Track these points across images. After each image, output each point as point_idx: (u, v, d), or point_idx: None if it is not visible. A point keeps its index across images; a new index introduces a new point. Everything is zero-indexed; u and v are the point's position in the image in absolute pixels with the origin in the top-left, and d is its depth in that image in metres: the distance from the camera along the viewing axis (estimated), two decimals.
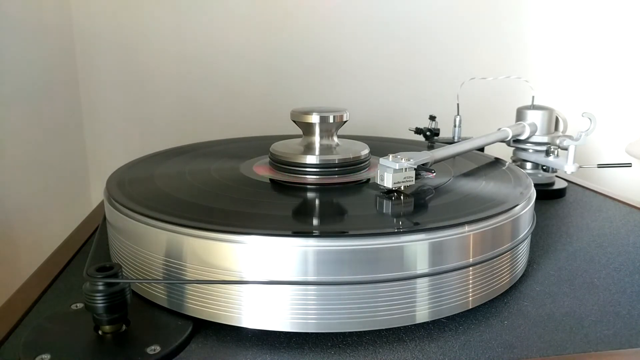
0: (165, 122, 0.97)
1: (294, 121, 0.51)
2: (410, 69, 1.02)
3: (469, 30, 1.02)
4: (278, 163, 0.50)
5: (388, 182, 0.42)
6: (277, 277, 0.34)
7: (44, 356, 0.31)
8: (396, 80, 1.02)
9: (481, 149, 0.64)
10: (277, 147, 0.51)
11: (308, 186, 0.47)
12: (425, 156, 0.46)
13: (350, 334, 0.35)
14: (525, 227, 0.43)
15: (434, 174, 0.44)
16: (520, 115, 0.68)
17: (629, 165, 0.66)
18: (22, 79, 0.75)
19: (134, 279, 0.39)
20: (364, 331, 0.35)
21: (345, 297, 0.34)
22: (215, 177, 0.50)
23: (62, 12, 0.89)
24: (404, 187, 0.43)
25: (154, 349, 0.32)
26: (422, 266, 0.35)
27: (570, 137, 0.63)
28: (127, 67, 0.94)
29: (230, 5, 0.94)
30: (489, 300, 0.39)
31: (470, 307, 0.38)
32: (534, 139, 0.66)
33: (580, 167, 0.63)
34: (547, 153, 0.65)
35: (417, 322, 0.36)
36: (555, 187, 0.68)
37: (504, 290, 0.41)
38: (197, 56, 0.95)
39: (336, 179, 0.48)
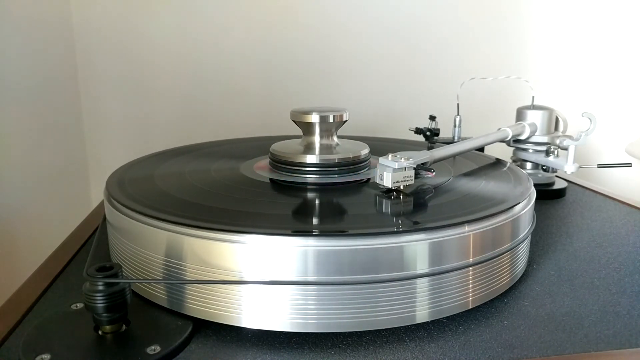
0: (165, 122, 0.97)
1: (294, 121, 0.51)
2: (410, 69, 1.02)
3: (469, 30, 1.02)
4: (278, 163, 0.50)
5: (387, 182, 0.42)
6: (277, 277, 0.34)
7: (44, 356, 0.31)
8: (396, 80, 1.02)
9: (481, 149, 0.64)
10: (277, 147, 0.51)
11: (308, 186, 0.47)
12: (425, 156, 0.46)
13: (350, 334, 0.35)
14: (525, 227, 0.43)
15: (434, 173, 0.44)
16: (520, 115, 0.68)
17: (629, 165, 0.66)
18: (22, 79, 0.75)
19: (134, 279, 0.39)
20: (364, 331, 0.35)
21: (345, 297, 0.34)
22: (215, 177, 0.50)
23: (62, 12, 0.89)
24: (404, 186, 0.43)
25: (154, 349, 0.32)
26: (422, 266, 0.35)
27: (570, 137, 0.63)
28: (127, 67, 0.94)
29: (231, 5, 0.94)
30: (489, 300, 0.39)
31: (470, 307, 0.38)
32: (534, 139, 0.66)
33: (580, 167, 0.63)
34: (547, 153, 0.65)
35: (417, 322, 0.36)
36: (555, 187, 0.68)
37: (504, 290, 0.41)
38: (197, 56, 0.95)
39: (336, 179, 0.48)
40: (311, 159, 0.48)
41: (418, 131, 0.73)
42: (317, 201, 0.44)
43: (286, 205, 0.43)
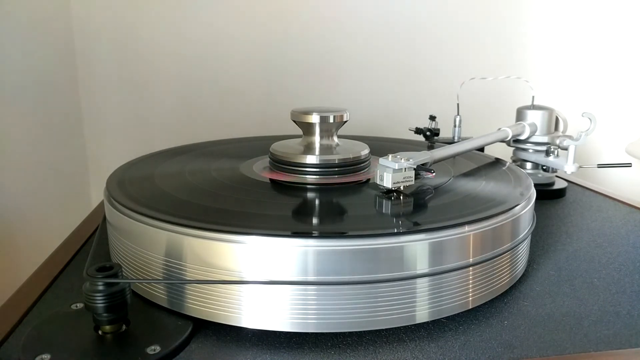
0: (165, 122, 0.97)
1: (294, 121, 0.51)
2: (410, 69, 1.02)
3: (469, 30, 1.02)
4: (278, 163, 0.50)
5: (387, 182, 0.42)
6: (277, 277, 0.34)
7: (44, 356, 0.31)
8: (396, 80, 1.02)
9: (481, 149, 0.64)
10: (277, 147, 0.51)
11: (308, 186, 0.47)
12: (425, 156, 0.46)
13: (350, 334, 0.35)
14: (525, 227, 0.43)
15: (434, 173, 0.44)
16: (520, 115, 0.68)
17: (629, 165, 0.66)
18: (22, 79, 0.75)
19: (134, 279, 0.39)
20: (364, 331, 0.35)
21: (345, 297, 0.34)
22: (215, 177, 0.50)
23: (62, 12, 0.89)
24: (404, 187, 0.43)
25: (154, 349, 0.32)
26: (422, 266, 0.35)
27: (570, 137, 0.63)
28: (127, 67, 0.94)
29: (230, 5, 0.94)
30: (489, 300, 0.39)
31: (470, 307, 0.38)
32: (534, 139, 0.66)
33: (580, 167, 0.63)
34: (547, 153, 0.65)
35: (417, 322, 0.36)
36: (555, 187, 0.68)
37: (504, 290, 0.41)
38: (197, 56, 0.95)
39: (336, 179, 0.48)
40: (311, 159, 0.48)
41: (418, 131, 0.73)
42: (317, 201, 0.44)
43: (286, 206, 0.43)
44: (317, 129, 0.50)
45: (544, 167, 0.67)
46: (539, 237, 0.53)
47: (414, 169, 0.44)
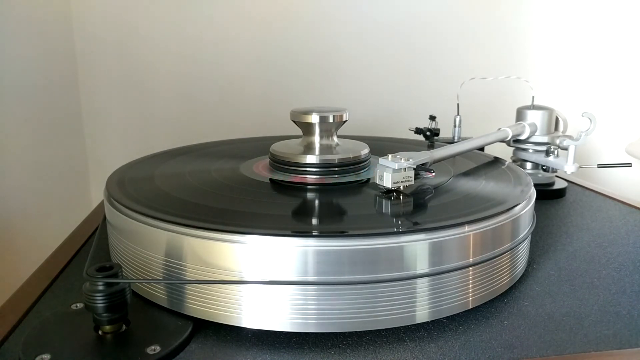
0: (165, 122, 0.97)
1: (294, 121, 0.51)
2: (410, 69, 1.02)
3: (469, 30, 1.02)
4: (278, 163, 0.50)
5: (387, 182, 0.42)
6: (277, 277, 0.34)
7: (44, 356, 0.32)
8: (396, 80, 1.02)
9: (481, 149, 0.64)
10: (277, 147, 0.52)
11: (308, 186, 0.47)
12: (425, 156, 0.46)
13: (350, 334, 0.35)
14: (525, 227, 0.43)
15: (433, 173, 0.44)
16: (520, 115, 0.68)
17: (629, 165, 0.66)
18: (22, 79, 0.75)
19: (134, 279, 0.39)
20: (364, 331, 0.35)
21: (345, 297, 0.34)
22: (215, 177, 0.50)
23: (62, 12, 0.89)
24: (403, 187, 0.43)
25: (154, 349, 0.32)
26: (422, 266, 0.35)
27: (570, 137, 0.63)
28: (127, 67, 0.94)
29: (231, 5, 0.94)
30: (489, 300, 0.39)
31: (470, 307, 0.38)
32: (534, 139, 0.66)
33: (580, 167, 0.63)
34: (547, 153, 0.65)
35: (417, 322, 0.36)
36: (555, 187, 0.68)
37: (504, 290, 0.41)
38: (197, 56, 0.95)
39: (336, 179, 0.48)
40: (311, 159, 0.48)
41: (418, 131, 0.73)
42: (317, 201, 0.44)
43: (286, 206, 0.43)
44: (317, 129, 0.50)
45: (544, 167, 0.67)
46: (539, 237, 0.53)
47: (414, 169, 0.44)
